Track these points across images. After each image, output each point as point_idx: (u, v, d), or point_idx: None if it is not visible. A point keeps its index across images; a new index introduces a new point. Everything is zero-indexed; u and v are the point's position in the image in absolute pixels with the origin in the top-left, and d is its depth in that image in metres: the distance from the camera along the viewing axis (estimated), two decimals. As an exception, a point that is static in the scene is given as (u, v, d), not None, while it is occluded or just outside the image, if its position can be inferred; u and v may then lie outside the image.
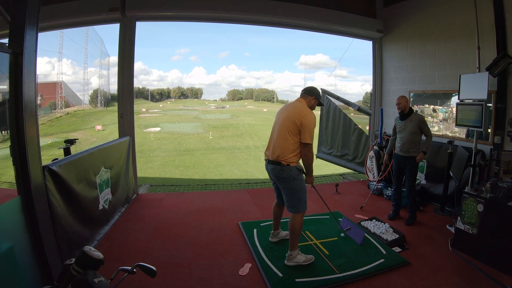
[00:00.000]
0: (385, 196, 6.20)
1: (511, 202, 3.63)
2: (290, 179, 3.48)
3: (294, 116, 3.43)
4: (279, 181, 3.57)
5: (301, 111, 3.46)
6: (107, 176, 4.57)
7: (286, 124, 3.46)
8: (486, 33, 5.00)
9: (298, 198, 3.54)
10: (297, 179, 3.51)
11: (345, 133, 8.56)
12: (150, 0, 5.56)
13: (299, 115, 3.41)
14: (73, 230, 3.50)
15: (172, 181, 12.13)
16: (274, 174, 3.55)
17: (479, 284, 3.36)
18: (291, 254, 3.58)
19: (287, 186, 3.52)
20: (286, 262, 3.59)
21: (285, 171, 3.45)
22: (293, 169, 3.46)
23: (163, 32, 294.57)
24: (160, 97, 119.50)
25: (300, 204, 3.55)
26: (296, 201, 3.54)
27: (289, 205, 3.59)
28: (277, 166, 3.48)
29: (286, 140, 3.43)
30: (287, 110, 3.61)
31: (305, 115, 3.42)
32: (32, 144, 2.76)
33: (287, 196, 3.58)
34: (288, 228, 3.64)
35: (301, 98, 3.65)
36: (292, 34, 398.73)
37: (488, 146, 5.06)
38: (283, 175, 3.48)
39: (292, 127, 3.40)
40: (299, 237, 3.64)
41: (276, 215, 4.08)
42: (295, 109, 3.52)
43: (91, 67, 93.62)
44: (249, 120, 50.76)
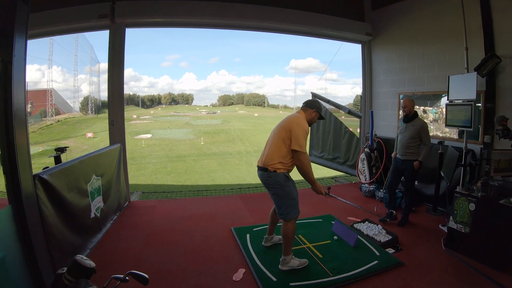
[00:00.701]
0: (377, 198, 6.23)
1: (502, 200, 3.67)
2: (277, 185, 3.47)
3: (287, 124, 3.48)
4: (267, 188, 3.58)
5: (295, 120, 3.51)
6: (98, 184, 4.52)
7: (280, 131, 3.49)
8: (474, 34, 5.08)
9: (287, 205, 3.50)
10: (284, 186, 3.48)
11: (336, 136, 8.62)
12: (140, 7, 5.54)
13: (291, 123, 3.47)
14: (65, 238, 3.45)
15: (164, 188, 12.04)
16: (262, 180, 3.56)
17: (473, 282, 3.38)
18: (285, 259, 3.57)
19: (275, 192, 3.52)
20: (280, 266, 3.57)
21: (272, 178, 3.45)
22: (280, 176, 3.44)
23: (153, 38, 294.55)
24: (151, 103, 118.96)
25: (290, 210, 3.50)
26: (286, 208, 3.50)
27: (279, 212, 3.56)
28: (264, 172, 3.48)
29: (276, 147, 3.46)
30: (285, 119, 3.65)
31: (296, 123, 3.46)
32: (22, 152, 2.72)
33: (276, 202, 3.58)
34: (281, 234, 3.62)
35: (301, 110, 3.69)
36: (282, 39, 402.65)
37: (479, 146, 5.13)
38: (270, 181, 3.48)
39: (284, 134, 3.44)
40: (292, 242, 3.62)
41: (273, 220, 4.07)
42: (292, 118, 3.57)
43: (82, 74, 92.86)
44: (240, 125, 50.69)
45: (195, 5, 5.79)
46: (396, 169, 4.97)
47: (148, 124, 50.78)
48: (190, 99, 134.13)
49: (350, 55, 11.60)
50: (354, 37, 7.44)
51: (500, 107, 4.86)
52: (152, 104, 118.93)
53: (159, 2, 5.62)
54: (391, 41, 6.94)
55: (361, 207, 4.18)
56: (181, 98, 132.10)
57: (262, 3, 6.18)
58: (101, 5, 5.36)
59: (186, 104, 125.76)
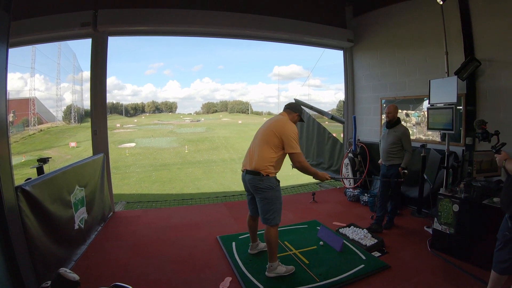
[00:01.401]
0: (362, 202, 6.24)
1: (485, 200, 3.72)
2: (268, 189, 3.42)
3: (274, 127, 3.45)
4: (256, 192, 3.49)
5: (282, 123, 3.50)
6: (81, 195, 4.41)
7: (266, 135, 3.46)
8: (454, 39, 5.17)
9: (274, 210, 3.47)
10: (275, 190, 3.47)
11: (319, 142, 8.66)
12: (122, 15, 5.48)
13: (279, 127, 3.44)
14: (49, 251, 3.35)
15: (149, 197, 11.87)
16: (253, 184, 3.47)
17: (460, 281, 3.41)
18: (272, 266, 3.52)
19: (265, 196, 3.45)
20: (267, 273, 3.51)
21: (264, 181, 3.40)
22: (271, 180, 3.43)
23: (136, 46, 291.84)
24: (135, 112, 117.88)
25: (275, 216, 3.48)
26: (272, 212, 3.46)
27: (264, 217, 3.50)
28: (255, 176, 3.42)
29: (265, 151, 3.41)
30: (269, 122, 3.63)
31: (285, 125, 3.45)
32: (3, 163, 2.65)
33: (264, 207, 3.49)
34: (265, 241, 3.58)
35: (284, 113, 3.68)
36: (265, 46, 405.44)
37: (461, 148, 5.20)
38: (262, 185, 3.41)
39: (272, 139, 3.40)
40: (277, 248, 3.57)
41: (252, 228, 4.01)
42: (277, 122, 3.54)
43: (64, 83, 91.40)
44: (224, 132, 50.75)
45: (178, 14, 5.75)
46: (384, 176, 4.96)
47: (132, 133, 50.46)
48: (174, 107, 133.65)
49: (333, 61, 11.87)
50: (336, 43, 7.50)
51: (480, 109, 4.95)
52: (136, 112, 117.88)
53: (142, 11, 5.57)
54: (372, 47, 7.03)
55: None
56: (165, 106, 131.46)
57: (245, 11, 6.21)
58: (83, 13, 5.27)
59: (169, 112, 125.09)
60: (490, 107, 4.82)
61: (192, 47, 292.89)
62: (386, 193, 4.95)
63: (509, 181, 2.75)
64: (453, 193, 4.06)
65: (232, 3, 6.20)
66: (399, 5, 6.19)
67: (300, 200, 6.61)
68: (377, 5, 6.71)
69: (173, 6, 5.78)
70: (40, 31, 5.28)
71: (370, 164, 6.87)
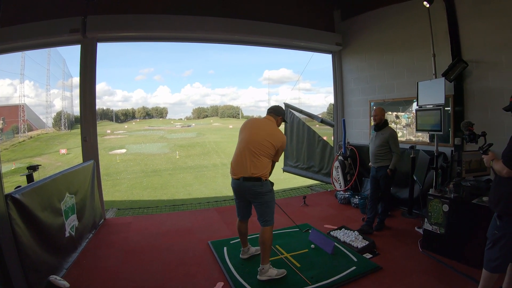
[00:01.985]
0: (353, 204, 6.26)
1: (475, 199, 3.76)
2: (267, 192, 3.55)
3: (271, 138, 3.52)
4: (257, 196, 3.54)
5: (278, 135, 3.60)
6: (72, 202, 4.34)
7: (262, 145, 3.49)
8: (441, 41, 5.25)
9: (270, 211, 3.59)
10: (272, 192, 3.64)
11: (310, 146, 8.67)
12: (111, 21, 5.45)
13: (277, 139, 3.56)
14: (40, 259, 3.30)
15: (141, 204, 11.72)
16: (254, 190, 3.51)
17: (452, 281, 3.43)
18: (263, 268, 3.51)
19: (265, 200, 3.55)
20: (258, 276, 3.50)
21: (264, 186, 3.51)
22: (269, 183, 3.60)
23: (126, 52, 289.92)
24: (125, 118, 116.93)
25: (272, 216, 3.60)
26: (270, 214, 3.58)
27: (264, 219, 3.57)
28: (256, 182, 3.48)
29: (262, 159, 3.50)
30: (259, 130, 3.60)
31: (281, 138, 3.61)
32: None
33: (263, 210, 3.57)
34: (259, 242, 3.58)
35: (270, 117, 3.74)
36: (255, 50, 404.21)
37: (450, 148, 5.26)
38: (263, 189, 3.51)
39: (269, 151, 3.52)
40: (270, 250, 3.59)
41: (243, 232, 4.00)
42: (271, 131, 3.59)
43: (54, 89, 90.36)
44: (215, 137, 50.69)
45: (168, 19, 5.74)
46: (374, 178, 5.00)
47: (122, 139, 50.15)
48: (164, 112, 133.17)
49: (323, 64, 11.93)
50: (325, 47, 7.57)
51: (469, 110, 5.03)
52: (126, 118, 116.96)
53: (131, 17, 5.55)
54: (361, 50, 7.10)
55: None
56: (155, 112, 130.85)
57: (234, 16, 6.22)
58: (72, 19, 5.24)
59: (160, 118, 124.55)
60: (478, 108, 4.90)
61: (182, 52, 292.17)
62: (376, 195, 4.99)
63: (497, 181, 2.78)
64: (442, 193, 4.10)
65: (222, 8, 6.19)
66: (387, 9, 6.28)
67: (291, 203, 6.60)
68: (364, 9, 6.80)
69: (163, 12, 5.78)
70: (29, 37, 5.22)
71: (360, 166, 6.89)
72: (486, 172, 4.38)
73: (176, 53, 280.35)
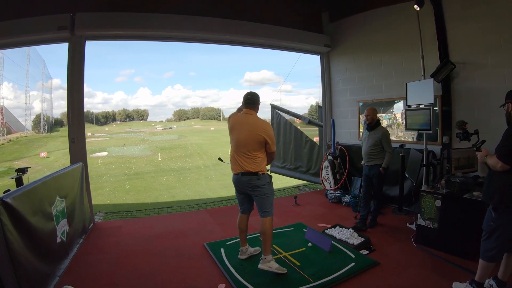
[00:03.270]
0: (344, 203, 6.38)
1: (466, 194, 3.93)
2: (266, 184, 3.67)
3: (258, 134, 3.56)
4: (255, 190, 3.66)
5: (262, 127, 3.60)
6: (62, 206, 4.18)
7: (250, 144, 3.57)
8: (429, 43, 5.44)
9: (270, 202, 3.72)
10: (270, 184, 3.75)
11: (297, 146, 8.75)
12: (100, 19, 5.35)
13: (263, 132, 3.57)
14: (33, 267, 3.15)
15: (125, 207, 11.52)
16: (251, 183, 3.62)
17: (447, 273, 3.56)
18: (266, 258, 3.60)
19: (263, 192, 3.67)
20: (260, 265, 3.59)
21: (262, 179, 3.64)
22: (266, 176, 3.71)
23: (106, 52, 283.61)
24: (105, 120, 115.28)
25: (271, 207, 3.73)
26: (270, 205, 3.71)
27: (263, 211, 3.69)
28: (254, 176, 3.61)
29: (256, 155, 3.60)
30: (245, 128, 3.63)
31: (266, 129, 3.62)
32: None
33: (263, 202, 3.68)
34: (260, 233, 3.69)
35: (251, 110, 3.73)
36: (237, 51, 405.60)
37: (438, 146, 5.44)
38: (261, 182, 3.64)
39: (258, 147, 3.60)
40: (271, 241, 3.68)
41: (242, 229, 4.00)
42: (256, 126, 3.59)
43: (33, 91, 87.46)
44: (196, 139, 50.44)
45: (156, 19, 5.69)
46: (366, 176, 5.11)
47: (103, 142, 49.32)
48: (145, 114, 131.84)
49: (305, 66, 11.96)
50: (313, 48, 7.65)
51: (456, 110, 5.23)
52: (107, 121, 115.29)
53: (120, 15, 5.46)
54: (349, 52, 7.23)
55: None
56: (136, 114, 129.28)
57: (223, 16, 6.22)
58: (60, 16, 5.09)
59: (141, 120, 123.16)
60: (465, 107, 5.10)
61: (163, 53, 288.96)
62: (369, 193, 5.11)
63: (491, 175, 2.94)
64: (434, 189, 4.25)
65: (211, 8, 6.20)
66: (375, 11, 6.44)
67: (282, 203, 6.64)
68: (353, 11, 6.94)
69: (151, 11, 5.71)
70: (14, 34, 5.04)
71: (349, 165, 7.03)
72: (474, 169, 4.60)
73: (157, 54, 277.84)
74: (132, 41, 6.46)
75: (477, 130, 3.41)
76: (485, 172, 3.41)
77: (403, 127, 6.08)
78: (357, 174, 6.99)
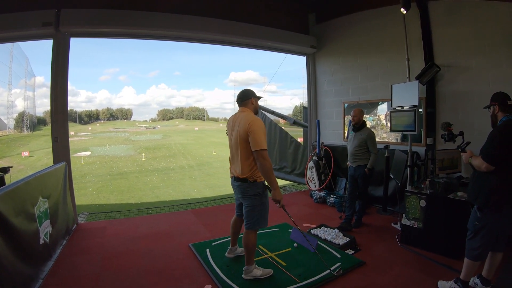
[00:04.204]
0: (329, 203, 6.41)
1: (450, 194, 4.00)
2: (255, 195, 3.39)
3: (243, 133, 3.27)
4: (244, 197, 3.45)
5: (247, 121, 3.28)
6: (45, 207, 4.05)
7: (239, 143, 3.32)
8: (414, 46, 5.53)
9: (258, 216, 3.44)
10: (261, 196, 3.43)
11: (282, 147, 8.78)
12: (86, 15, 5.21)
13: (246, 129, 3.24)
14: (16, 270, 3.05)
15: (108, 207, 11.30)
16: (240, 190, 3.44)
17: (432, 271, 3.61)
18: (248, 269, 3.52)
19: (251, 203, 3.42)
20: (243, 276, 3.52)
21: (251, 188, 3.36)
22: (259, 185, 3.38)
23: (90, 50, 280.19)
24: (89, 119, 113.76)
25: (259, 221, 3.47)
26: (256, 218, 3.44)
27: (248, 221, 3.47)
28: (243, 183, 3.37)
29: (244, 158, 3.32)
30: (236, 126, 3.43)
31: (251, 122, 3.25)
32: None
33: (248, 212, 3.46)
34: (243, 245, 3.55)
35: (243, 108, 3.51)
36: (222, 51, 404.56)
37: (422, 148, 5.53)
38: (249, 192, 3.38)
39: (245, 145, 3.28)
40: (254, 252, 3.58)
41: (235, 230, 3.97)
42: (242, 124, 3.32)
43: (16, 88, 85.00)
44: (181, 139, 50.10)
45: (142, 16, 5.59)
46: (352, 177, 5.15)
47: (86, 141, 48.41)
48: (129, 114, 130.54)
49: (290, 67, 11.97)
50: (299, 49, 7.67)
51: (440, 111, 5.33)
52: (90, 120, 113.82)
53: (106, 12, 5.34)
54: (335, 53, 7.28)
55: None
56: (120, 113, 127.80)
57: (207, 15, 6.17)
58: (45, 12, 4.95)
59: (125, 119, 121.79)
60: (449, 109, 5.20)
61: (148, 52, 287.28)
62: (354, 193, 5.14)
63: (476, 176, 3.00)
64: (419, 189, 4.31)
65: (198, 7, 6.14)
66: (361, 14, 6.50)
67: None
68: (340, 13, 6.98)
69: (137, 8, 5.60)
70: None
71: (334, 166, 7.07)
72: (457, 169, 4.68)
73: (142, 53, 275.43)
74: (118, 39, 6.35)
75: (462, 132, 3.46)
76: (469, 172, 3.49)
77: (387, 129, 6.17)
78: (342, 174, 7.04)
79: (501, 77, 4.59)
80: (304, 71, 8.09)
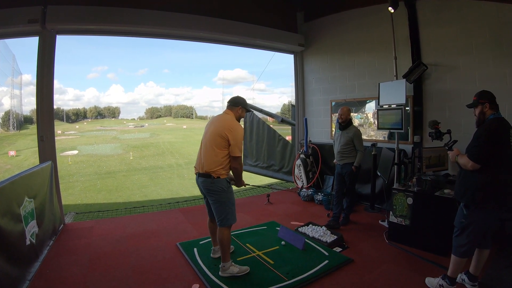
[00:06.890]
0: (316, 201, 6.42)
1: (437, 192, 4.04)
2: (219, 191, 3.48)
3: (221, 129, 3.41)
4: (209, 194, 3.53)
5: (229, 125, 3.45)
6: (31, 207, 3.97)
7: (213, 137, 3.43)
8: (402, 44, 5.57)
9: (226, 211, 3.52)
10: (227, 192, 3.52)
11: (270, 145, 8.77)
12: (73, 12, 5.11)
13: (227, 129, 3.40)
14: (2, 271, 2.98)
15: (96, 207, 11.14)
16: (204, 186, 3.50)
17: (420, 268, 3.64)
18: (224, 266, 3.53)
19: (217, 198, 3.50)
20: (220, 273, 3.53)
21: (215, 184, 3.45)
22: (223, 182, 3.48)
23: (78, 47, 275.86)
24: (76, 117, 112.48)
25: (229, 217, 3.54)
26: (225, 214, 3.51)
27: (219, 218, 3.53)
28: (207, 179, 3.45)
29: (215, 154, 3.41)
30: (215, 123, 3.57)
31: (232, 128, 3.42)
32: None
33: (217, 209, 3.53)
34: (218, 241, 3.59)
35: (228, 110, 3.64)
36: (211, 49, 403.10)
37: (409, 145, 5.56)
38: (213, 187, 3.46)
39: (220, 141, 3.39)
40: (229, 249, 3.61)
41: (213, 231, 3.96)
42: (223, 122, 3.50)
43: (3, 87, 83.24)
44: (169, 138, 49.78)
45: (130, 13, 5.49)
46: (339, 174, 5.16)
47: (74, 140, 47.73)
48: (117, 112, 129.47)
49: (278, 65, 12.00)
50: (287, 47, 7.66)
51: (427, 110, 5.37)
52: (78, 118, 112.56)
53: (93, 8, 5.24)
54: (323, 52, 7.28)
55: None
56: (108, 111, 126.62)
57: (196, 13, 6.11)
58: (31, 9, 4.83)
59: (112, 117, 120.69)
60: (436, 108, 5.25)
61: (137, 49, 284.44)
62: (342, 191, 5.15)
63: (462, 174, 3.02)
64: (406, 187, 4.34)
65: (186, 5, 6.07)
66: (349, 12, 6.51)
67: (255, 202, 6.65)
68: (328, 11, 6.98)
69: (124, 5, 5.50)
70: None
71: (322, 164, 7.08)
72: (444, 167, 4.72)
73: (131, 50, 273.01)
74: (106, 36, 6.24)
75: (449, 130, 3.49)
76: (455, 170, 3.51)
77: (374, 127, 6.20)
78: (329, 172, 7.06)
79: (487, 76, 4.64)
80: (292, 69, 8.09)
